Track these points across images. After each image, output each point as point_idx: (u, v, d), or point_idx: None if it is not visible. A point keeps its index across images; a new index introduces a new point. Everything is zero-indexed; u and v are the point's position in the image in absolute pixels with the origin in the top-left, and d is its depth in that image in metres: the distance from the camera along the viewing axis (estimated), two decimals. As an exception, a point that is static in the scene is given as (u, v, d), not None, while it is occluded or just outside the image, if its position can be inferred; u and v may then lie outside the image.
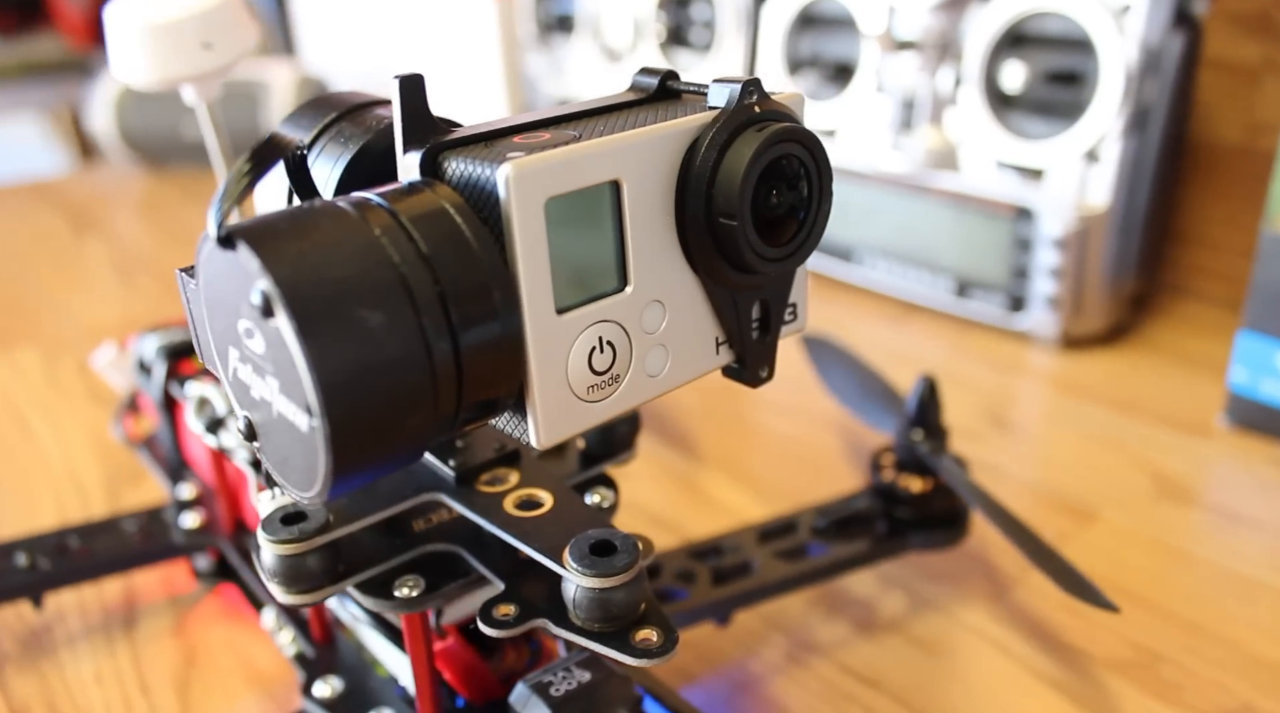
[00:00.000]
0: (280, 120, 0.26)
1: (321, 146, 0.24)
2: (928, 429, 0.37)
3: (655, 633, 0.22)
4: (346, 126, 0.24)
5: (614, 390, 0.21)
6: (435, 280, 0.17)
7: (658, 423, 0.52)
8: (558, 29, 0.79)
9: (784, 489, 0.46)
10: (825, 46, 0.62)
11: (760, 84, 0.21)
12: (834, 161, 0.60)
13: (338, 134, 0.24)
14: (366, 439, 0.17)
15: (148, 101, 0.99)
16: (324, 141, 0.24)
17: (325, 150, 0.24)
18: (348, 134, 0.24)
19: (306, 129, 0.25)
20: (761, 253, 0.21)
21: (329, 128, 0.24)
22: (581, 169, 0.19)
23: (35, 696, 0.36)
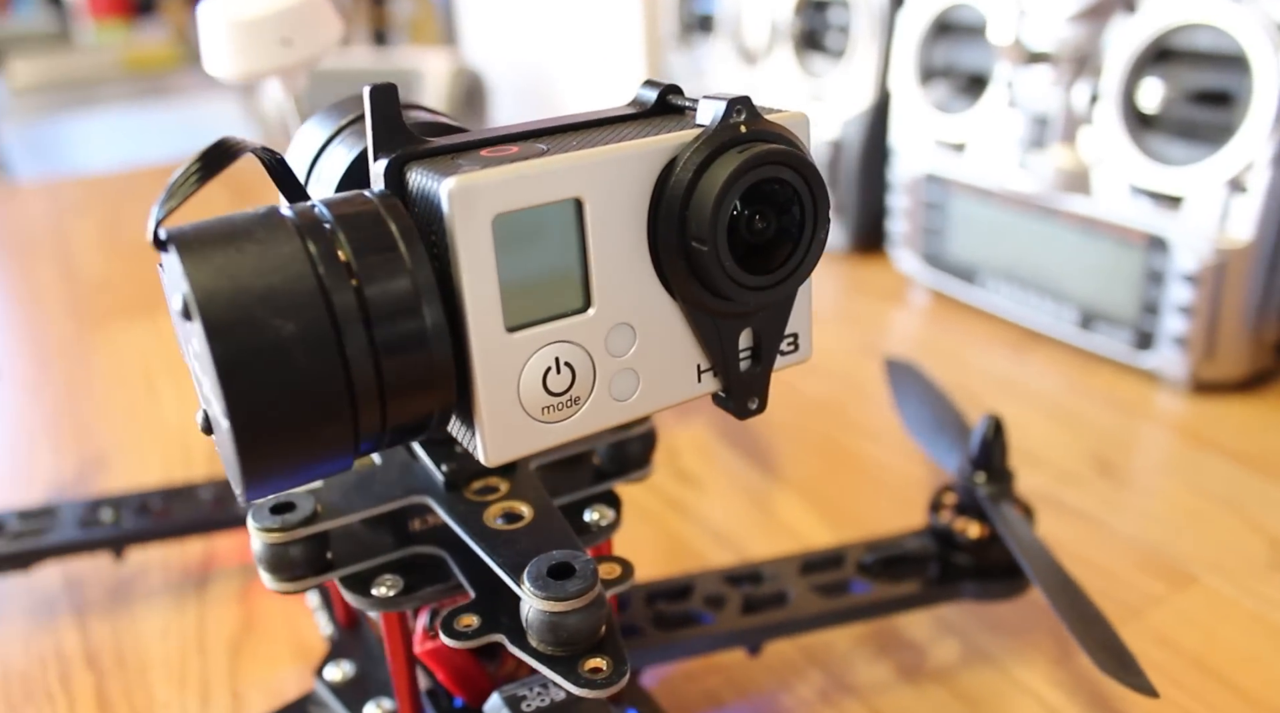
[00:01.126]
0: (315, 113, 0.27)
1: (339, 142, 0.24)
2: (990, 472, 0.34)
3: (606, 663, 0.21)
4: (361, 126, 0.24)
5: (574, 412, 0.21)
6: (359, 296, 0.17)
7: (741, 437, 0.51)
8: (698, 29, 0.79)
9: (857, 518, 0.44)
10: (959, 56, 0.59)
11: (749, 102, 0.20)
12: (961, 177, 0.57)
13: (355, 131, 0.24)
14: (277, 445, 0.17)
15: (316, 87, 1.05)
16: (342, 137, 0.24)
17: (341, 145, 0.24)
18: (359, 134, 0.24)
19: (331, 124, 0.25)
20: (740, 280, 0.20)
21: (347, 127, 0.25)
22: (535, 186, 0.19)
23: (108, 642, 0.38)
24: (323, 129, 0.25)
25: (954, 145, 0.59)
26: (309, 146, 0.25)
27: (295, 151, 0.25)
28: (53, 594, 0.41)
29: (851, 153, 0.67)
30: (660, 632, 0.33)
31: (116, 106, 1.84)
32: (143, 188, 1.03)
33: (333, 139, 0.25)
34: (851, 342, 0.61)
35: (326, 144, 0.25)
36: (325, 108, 0.27)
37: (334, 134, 0.25)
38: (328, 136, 0.25)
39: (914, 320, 0.64)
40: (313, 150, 0.25)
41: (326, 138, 0.25)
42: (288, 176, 0.21)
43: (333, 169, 0.24)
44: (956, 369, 0.57)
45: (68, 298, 0.75)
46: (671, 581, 0.35)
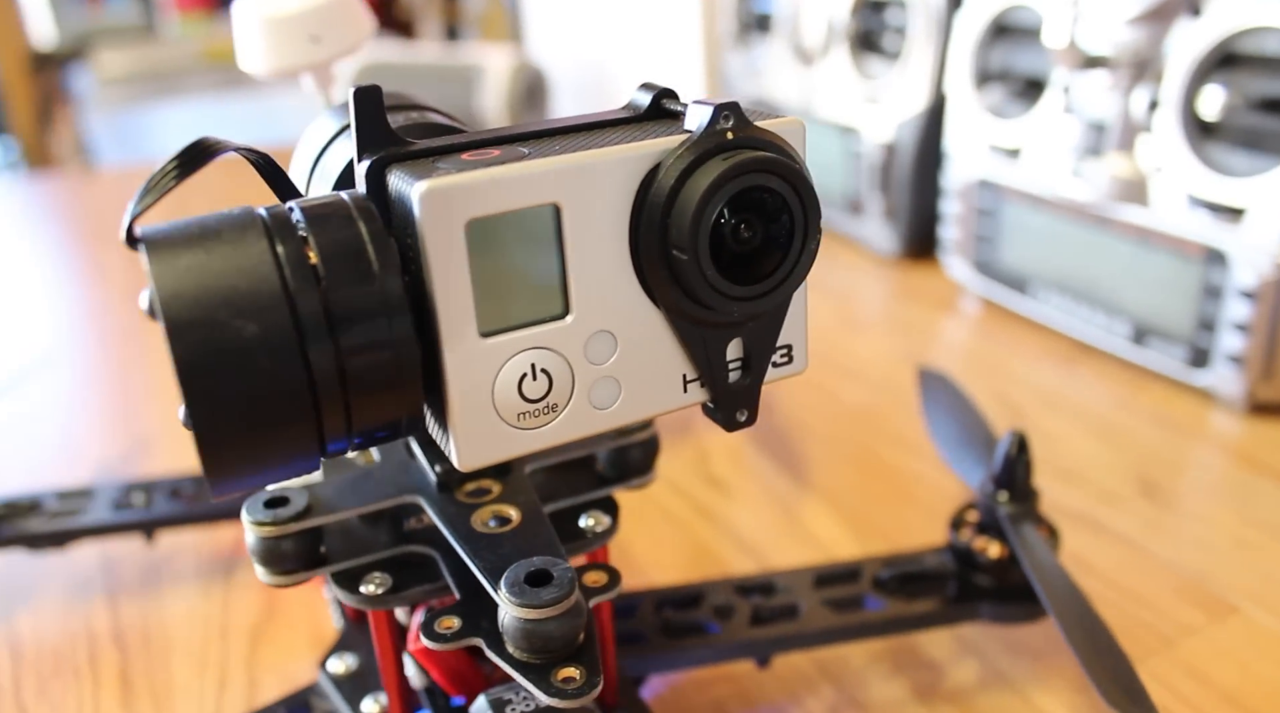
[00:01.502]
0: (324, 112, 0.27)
1: (341, 141, 0.24)
2: (1013, 490, 0.33)
3: (579, 672, 0.21)
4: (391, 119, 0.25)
5: (551, 419, 0.20)
6: (324, 301, 0.17)
7: (774, 443, 0.51)
8: (756, 28, 0.78)
9: (885, 532, 0.43)
10: (1016, 59, 0.58)
11: (738, 108, 0.20)
12: (1015, 183, 0.56)
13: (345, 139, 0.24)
14: (238, 445, 0.17)
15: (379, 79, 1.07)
16: (345, 136, 0.25)
17: (341, 145, 0.24)
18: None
19: (336, 122, 0.25)
20: (723, 290, 0.20)
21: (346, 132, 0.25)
22: (510, 191, 0.19)
23: (136, 623, 0.39)
24: (329, 126, 0.25)
25: (1008, 151, 0.58)
26: (315, 143, 0.25)
27: (303, 147, 0.26)
28: (89, 574, 0.42)
29: (905, 156, 0.65)
30: (665, 639, 0.32)
31: (198, 96, 1.89)
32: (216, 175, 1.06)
33: (337, 136, 0.25)
34: (896, 350, 0.60)
35: (331, 141, 0.25)
36: (338, 104, 0.27)
37: (339, 131, 0.25)
38: (332, 134, 0.25)
39: (962, 329, 0.62)
40: (318, 147, 0.25)
41: (331, 135, 0.25)
42: (277, 176, 0.21)
43: (333, 166, 0.24)
44: (1002, 380, 0.55)
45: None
46: (682, 588, 0.35)
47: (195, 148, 0.18)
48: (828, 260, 0.73)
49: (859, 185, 0.70)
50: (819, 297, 0.68)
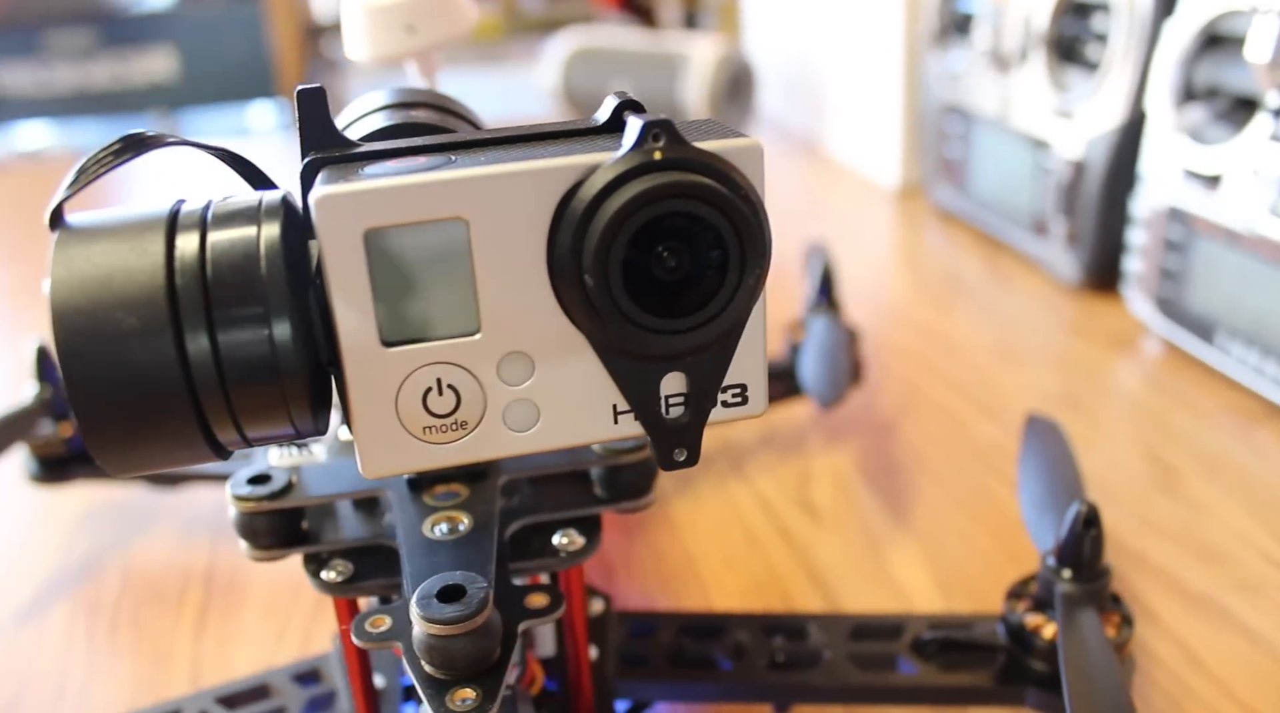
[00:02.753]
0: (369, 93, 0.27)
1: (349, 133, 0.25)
2: (1077, 567, 0.29)
3: (476, 695, 0.21)
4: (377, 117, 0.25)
5: (461, 436, 0.20)
6: (205, 298, 0.18)
7: (883, 475, 0.47)
8: (955, 30, 0.73)
9: (977, 589, 0.40)
10: (1227, 75, 0.51)
11: (670, 126, 0.18)
12: (1210, 215, 0.49)
13: (360, 124, 0.25)
14: (116, 431, 0.18)
15: (589, 63, 1.09)
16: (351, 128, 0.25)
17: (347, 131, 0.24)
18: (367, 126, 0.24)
19: (358, 109, 0.26)
20: (639, 321, 0.19)
21: (365, 117, 0.25)
22: (411, 202, 0.18)
23: (226, 568, 0.42)
24: (350, 112, 0.26)
25: (1207, 178, 0.51)
26: (339, 122, 0.25)
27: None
28: (201, 515, 0.46)
29: (1094, 176, 0.59)
30: (671, 668, 0.31)
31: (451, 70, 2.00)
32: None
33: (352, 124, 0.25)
34: (1050, 387, 0.55)
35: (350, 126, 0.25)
36: (388, 88, 0.28)
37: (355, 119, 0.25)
38: (350, 119, 0.25)
39: (1133, 373, 0.56)
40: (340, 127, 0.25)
41: (348, 121, 0.25)
42: (244, 165, 0.21)
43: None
44: (1163, 435, 0.49)
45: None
46: (706, 616, 0.34)
47: (129, 139, 0.19)
48: (1000, 282, 0.68)
49: (1044, 204, 0.64)
50: (979, 318, 0.63)
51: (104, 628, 0.39)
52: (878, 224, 0.82)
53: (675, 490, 0.47)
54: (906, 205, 0.83)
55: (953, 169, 0.75)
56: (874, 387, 0.54)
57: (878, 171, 0.87)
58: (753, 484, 0.47)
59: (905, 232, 0.80)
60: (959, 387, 0.55)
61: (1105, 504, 0.44)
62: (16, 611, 0.40)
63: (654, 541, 0.44)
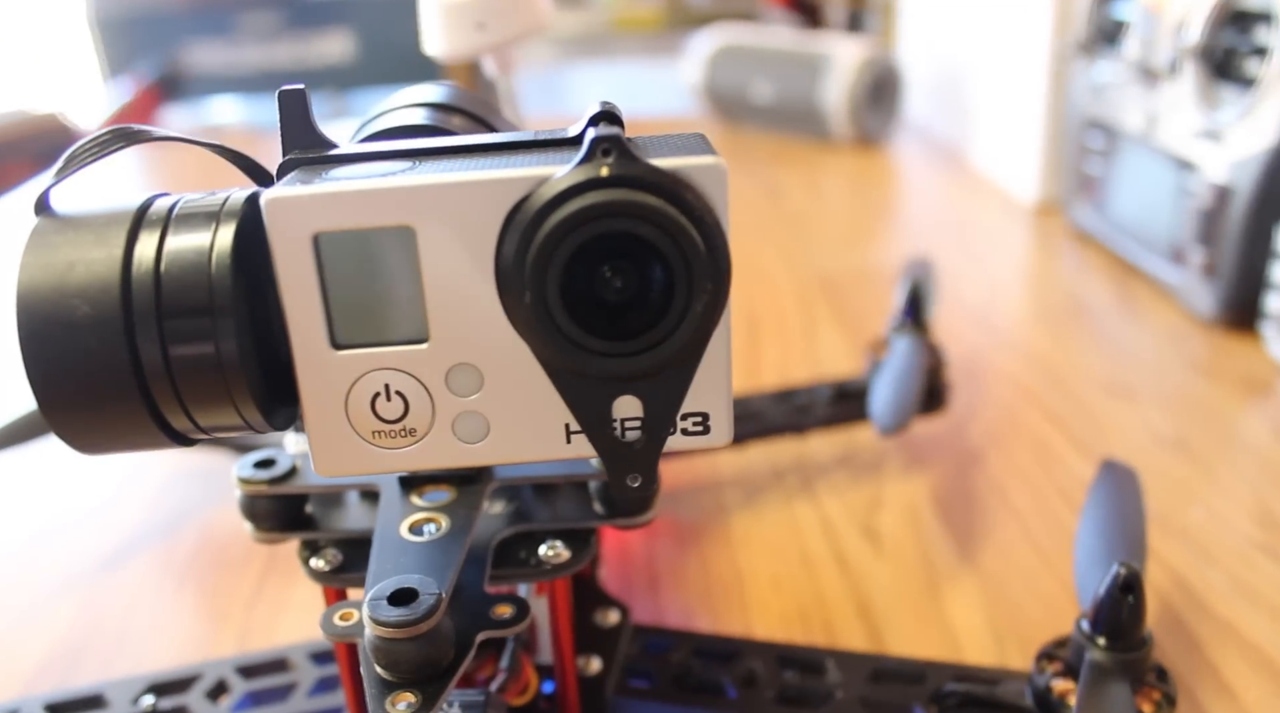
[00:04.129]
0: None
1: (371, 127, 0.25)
2: (1112, 635, 0.27)
3: (416, 699, 0.21)
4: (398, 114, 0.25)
5: (409, 443, 0.20)
6: (156, 293, 0.18)
7: (962, 506, 0.45)
8: (1104, 40, 0.69)
9: (1032, 640, 0.37)
10: (1394, 99, 0.45)
11: (619, 141, 0.18)
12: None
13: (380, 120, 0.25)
14: (72, 415, 0.19)
15: (732, 60, 1.08)
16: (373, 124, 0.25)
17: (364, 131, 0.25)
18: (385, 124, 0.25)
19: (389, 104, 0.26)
20: (579, 341, 0.18)
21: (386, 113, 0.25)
22: (359, 208, 0.18)
23: (294, 537, 0.44)
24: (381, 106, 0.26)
25: (1361, 213, 0.46)
26: (367, 114, 0.26)
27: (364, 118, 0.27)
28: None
29: (1239, 203, 0.54)
30: (674, 691, 0.31)
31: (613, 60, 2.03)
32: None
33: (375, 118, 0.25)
34: (1163, 428, 0.50)
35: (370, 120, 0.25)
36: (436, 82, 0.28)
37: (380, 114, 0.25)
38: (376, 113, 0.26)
39: (1262, 421, 0.51)
40: (366, 118, 0.26)
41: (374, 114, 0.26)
42: (244, 161, 0.22)
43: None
44: (1276, 492, 0.45)
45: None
46: (722, 640, 0.33)
47: (118, 132, 0.20)
48: (1128, 311, 0.63)
49: (1184, 230, 0.59)
50: (1099, 348, 0.59)
51: (171, 586, 0.42)
52: (1010, 241, 0.78)
53: (739, 504, 0.46)
54: (1042, 222, 0.79)
55: (1092, 187, 0.71)
56: (965, 413, 0.52)
57: (1017, 185, 0.83)
58: (819, 504, 0.46)
59: (1037, 250, 0.76)
60: (1059, 420, 0.51)
61: (1198, 563, 0.41)
62: (99, 560, 0.43)
63: (705, 553, 0.43)
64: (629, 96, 1.63)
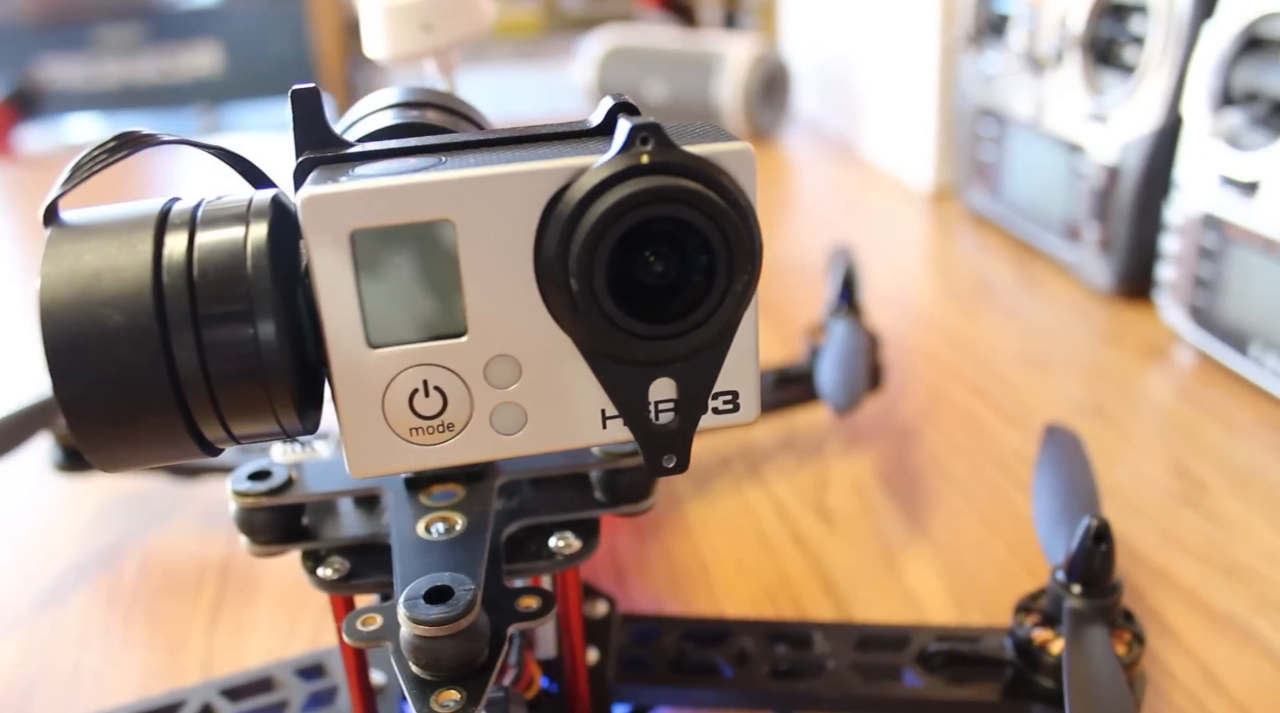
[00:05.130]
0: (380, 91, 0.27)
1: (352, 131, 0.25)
2: (1087, 584, 0.29)
3: (460, 696, 0.21)
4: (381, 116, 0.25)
5: (448, 438, 0.20)
6: (191, 297, 0.18)
7: (905, 481, 0.47)
8: (991, 31, 0.72)
9: (991, 601, 0.39)
10: (1267, 79, 0.49)
11: (658, 129, 0.18)
12: (1246, 222, 0.48)
13: (364, 122, 0.25)
14: (102, 428, 0.18)
15: (624, 62, 1.09)
16: (355, 127, 0.25)
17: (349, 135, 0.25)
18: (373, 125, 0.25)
19: (362, 109, 0.26)
20: (625, 326, 0.19)
21: (369, 116, 0.25)
22: (399, 204, 0.18)
23: (243, 560, 0.43)
24: (355, 111, 0.26)
25: (1244, 185, 0.50)
26: (345, 120, 0.26)
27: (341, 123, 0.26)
28: (219, 507, 0.46)
29: (1128, 182, 0.58)
30: (672, 674, 0.31)
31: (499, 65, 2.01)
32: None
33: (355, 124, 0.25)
34: (1077, 396, 0.54)
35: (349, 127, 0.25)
36: (399, 87, 0.28)
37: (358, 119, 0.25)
38: (352, 120, 0.25)
39: (1164, 383, 0.55)
40: (343, 128, 0.25)
41: (351, 121, 0.25)
42: (243, 164, 0.21)
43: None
44: (1193, 449, 0.48)
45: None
46: (711, 622, 0.33)
47: (123, 138, 0.19)
48: (1030, 288, 0.67)
49: (1078, 210, 0.63)
50: (1008, 325, 0.62)
51: (121, 617, 0.40)
52: (909, 227, 0.81)
53: (691, 493, 0.47)
54: (939, 209, 0.82)
55: (986, 172, 0.74)
56: (897, 392, 0.54)
57: (911, 174, 0.86)
58: (769, 488, 0.47)
59: (937, 235, 0.79)
60: (984, 394, 0.54)
61: (1128, 517, 0.43)
62: (37, 597, 0.41)
63: (667, 543, 0.44)
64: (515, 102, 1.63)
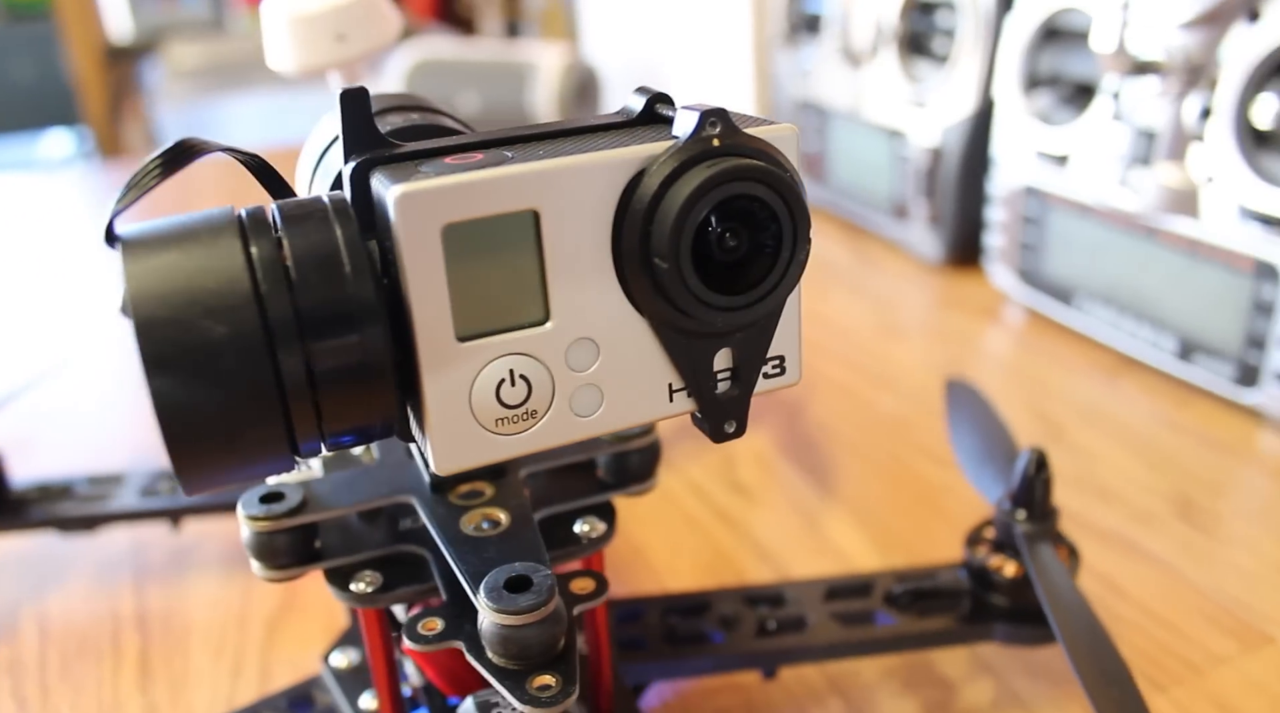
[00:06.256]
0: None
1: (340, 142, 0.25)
2: (1031, 509, 0.32)
3: (555, 680, 0.21)
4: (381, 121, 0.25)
5: (530, 426, 0.20)
6: (294, 305, 0.17)
7: (803, 451, 0.50)
8: (805, 29, 0.77)
9: (909, 545, 0.42)
10: (1066, 64, 0.56)
11: (725, 115, 0.19)
12: (1061, 191, 0.54)
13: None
14: (204, 444, 0.17)
15: (433, 75, 1.08)
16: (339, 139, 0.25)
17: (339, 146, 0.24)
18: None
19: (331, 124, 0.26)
20: (706, 300, 0.20)
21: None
22: (487, 196, 0.18)
23: (158, 607, 0.40)
24: (332, 126, 0.25)
25: (1056, 158, 0.56)
26: (318, 143, 0.25)
27: (308, 147, 0.26)
28: (118, 557, 0.43)
29: (951, 161, 0.64)
30: (667, 647, 0.32)
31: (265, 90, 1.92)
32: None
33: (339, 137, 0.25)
34: (934, 359, 0.59)
35: (333, 142, 0.25)
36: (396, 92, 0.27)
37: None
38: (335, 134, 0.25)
39: (1004, 339, 0.61)
40: (320, 147, 0.25)
41: (334, 135, 0.25)
42: (270, 176, 0.21)
43: (333, 166, 0.24)
44: (1041, 393, 0.54)
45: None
46: (689, 595, 0.35)
47: (178, 148, 0.18)
48: (870, 266, 0.72)
49: (904, 190, 0.69)
50: (856, 301, 0.67)
51: (34, 691, 0.37)
52: (740, 219, 0.85)
53: (607, 485, 0.48)
54: (765, 199, 0.87)
55: (811, 162, 0.79)
56: (777, 370, 0.57)
57: (733, 169, 0.91)
58: (682, 472, 0.49)
59: (768, 224, 0.84)
60: (853, 365, 0.58)
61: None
62: (-72, 681, 0.37)
63: (599, 535, 0.44)
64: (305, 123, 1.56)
